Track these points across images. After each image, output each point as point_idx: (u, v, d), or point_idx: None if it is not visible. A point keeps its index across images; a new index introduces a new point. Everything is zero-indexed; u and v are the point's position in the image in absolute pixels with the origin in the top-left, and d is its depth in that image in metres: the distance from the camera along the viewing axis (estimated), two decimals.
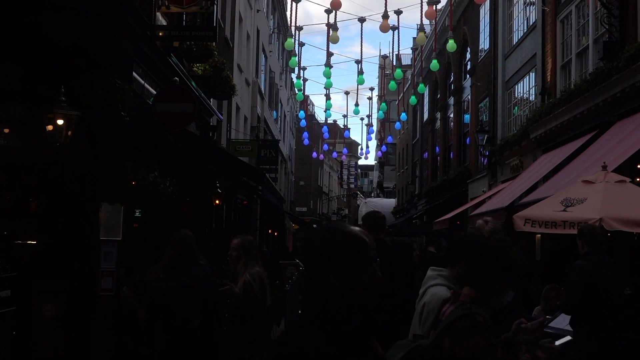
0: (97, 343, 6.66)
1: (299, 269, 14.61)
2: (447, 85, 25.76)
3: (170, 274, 5.00)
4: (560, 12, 13.03)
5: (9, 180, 7.31)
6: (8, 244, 7.12)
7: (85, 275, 6.78)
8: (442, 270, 3.05)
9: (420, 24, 14.87)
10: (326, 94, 22.16)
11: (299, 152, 43.97)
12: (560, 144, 12.13)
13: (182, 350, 4.91)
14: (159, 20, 8.85)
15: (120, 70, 7.10)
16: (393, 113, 43.13)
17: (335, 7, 13.83)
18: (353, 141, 64.08)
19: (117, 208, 6.91)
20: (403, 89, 33.08)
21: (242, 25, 18.26)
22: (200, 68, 11.05)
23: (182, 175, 9.20)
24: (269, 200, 21.44)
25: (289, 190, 37.01)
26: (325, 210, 58.34)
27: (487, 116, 18.96)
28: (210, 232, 12.62)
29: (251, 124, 20.92)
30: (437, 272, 3.05)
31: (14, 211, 7.39)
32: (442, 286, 2.94)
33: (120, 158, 7.10)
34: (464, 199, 20.11)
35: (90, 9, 6.76)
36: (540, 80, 14.10)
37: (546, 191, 9.62)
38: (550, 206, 7.15)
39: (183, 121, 8.08)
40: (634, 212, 6.31)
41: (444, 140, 25.89)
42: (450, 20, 20.47)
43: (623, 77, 9.26)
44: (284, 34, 27.84)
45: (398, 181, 43.18)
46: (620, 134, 9.16)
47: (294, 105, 39.12)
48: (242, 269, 5.12)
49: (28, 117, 6.95)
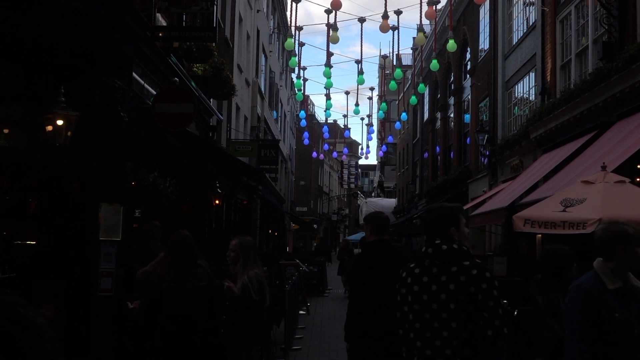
0: (97, 343, 6.67)
1: (299, 269, 14.63)
2: (447, 85, 25.76)
3: (177, 276, 5.00)
4: (560, 13, 13.03)
5: (8, 181, 7.32)
6: (8, 244, 7.13)
7: (85, 275, 6.78)
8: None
9: (420, 24, 14.88)
10: (326, 94, 22.16)
11: (299, 152, 43.98)
12: (560, 144, 12.13)
13: (184, 350, 4.91)
14: (158, 21, 8.86)
15: (120, 71, 7.10)
16: (393, 113, 43.14)
17: (335, 7, 13.84)
18: (353, 141, 64.10)
19: (116, 208, 6.91)
20: (403, 89, 33.08)
21: (242, 25, 18.26)
22: (200, 68, 11.05)
23: (182, 175, 9.20)
24: (269, 200, 21.46)
25: (289, 190, 37.01)
26: (326, 210, 58.36)
27: (487, 116, 18.96)
28: (210, 232, 12.63)
29: (251, 124, 20.93)
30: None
31: (13, 211, 7.39)
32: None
33: (120, 158, 7.11)
34: (464, 199, 20.11)
35: (90, 9, 6.76)
36: (540, 80, 14.10)
37: (546, 191, 9.62)
38: (550, 207, 7.15)
39: (183, 121, 8.09)
40: (634, 212, 6.31)
41: (444, 140, 25.89)
42: (450, 20, 20.48)
43: (622, 77, 9.26)
44: (284, 34, 27.83)
45: (398, 181, 43.19)
46: (620, 134, 9.16)
47: (294, 105, 39.13)
48: (241, 270, 5.10)
49: (28, 117, 6.95)
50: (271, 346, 8.65)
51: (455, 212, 3.47)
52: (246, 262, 5.09)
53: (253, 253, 5.24)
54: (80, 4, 6.72)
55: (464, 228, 3.47)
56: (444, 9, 23.21)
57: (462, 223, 3.44)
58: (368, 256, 4.97)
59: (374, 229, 4.97)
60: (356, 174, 64.41)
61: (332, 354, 9.54)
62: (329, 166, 60.59)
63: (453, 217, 3.42)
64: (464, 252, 3.30)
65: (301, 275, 14.29)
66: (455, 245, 3.31)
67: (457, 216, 3.43)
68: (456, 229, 3.39)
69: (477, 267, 3.22)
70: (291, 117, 38.66)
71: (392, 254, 4.88)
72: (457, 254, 3.28)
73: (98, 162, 6.88)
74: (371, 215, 5.24)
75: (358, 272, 4.95)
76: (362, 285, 4.82)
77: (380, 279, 4.70)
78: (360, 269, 4.96)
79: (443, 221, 3.41)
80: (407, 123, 34.47)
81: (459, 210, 3.53)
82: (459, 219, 3.43)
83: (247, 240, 5.40)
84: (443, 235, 3.36)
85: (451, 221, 3.40)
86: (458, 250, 3.29)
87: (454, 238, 3.36)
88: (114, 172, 6.95)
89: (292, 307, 10.30)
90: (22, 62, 6.32)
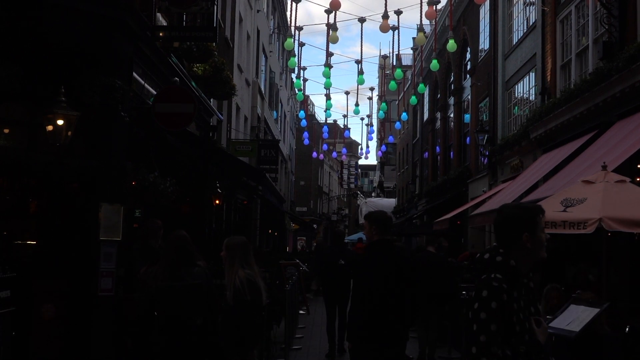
0: (97, 343, 6.66)
1: (299, 269, 14.62)
2: (447, 85, 25.76)
3: (173, 274, 5.00)
4: (560, 12, 13.03)
5: (9, 181, 7.31)
6: (8, 244, 7.12)
7: (85, 275, 6.78)
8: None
9: (420, 24, 14.87)
10: (326, 94, 22.15)
11: (299, 152, 43.98)
12: (560, 144, 12.13)
13: (182, 350, 4.91)
14: (159, 21, 8.86)
15: (120, 71, 7.10)
16: (393, 113, 43.13)
17: (334, 7, 13.83)
18: (353, 141, 64.13)
19: (117, 208, 6.91)
20: (403, 89, 33.08)
21: (242, 25, 18.26)
22: (200, 68, 11.05)
23: (182, 175, 9.20)
24: (269, 200, 21.45)
25: (289, 190, 37.01)
26: (326, 210, 58.34)
27: (487, 116, 18.96)
28: (210, 232, 12.62)
29: (251, 124, 20.93)
30: None
31: (14, 211, 7.39)
32: None
33: (120, 158, 7.10)
34: (464, 198, 20.11)
35: (90, 9, 6.76)
36: (540, 80, 14.10)
37: (546, 191, 9.61)
38: (550, 206, 7.13)
39: (183, 121, 8.08)
40: (634, 212, 6.30)
41: (444, 140, 25.89)
42: (450, 20, 20.48)
43: (622, 77, 9.26)
44: (284, 34, 27.83)
45: (398, 181, 43.19)
46: (620, 134, 9.16)
47: (294, 105, 39.13)
48: (227, 270, 4.99)
49: (28, 117, 6.95)
50: (271, 346, 8.64)
51: (531, 213, 2.83)
52: (233, 262, 4.97)
53: (242, 253, 5.06)
54: (80, 4, 6.71)
55: (542, 234, 2.81)
56: (444, 9, 23.21)
57: (539, 228, 2.81)
58: (370, 256, 4.95)
59: (378, 229, 4.94)
60: (356, 174, 64.39)
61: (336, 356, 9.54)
62: (329, 166, 60.58)
63: (528, 220, 2.80)
64: (496, 264, 2.76)
65: (301, 275, 14.27)
66: (499, 258, 2.77)
67: (534, 219, 2.81)
68: (530, 235, 2.77)
69: (486, 288, 2.71)
70: (291, 117, 38.66)
71: (395, 254, 4.87)
72: (489, 264, 2.80)
73: (98, 162, 6.88)
74: (375, 214, 5.15)
75: (360, 272, 4.93)
76: (364, 285, 4.81)
77: (383, 279, 4.69)
78: (362, 268, 4.94)
79: (514, 224, 2.80)
80: (407, 123, 34.47)
81: (538, 211, 2.86)
82: (537, 222, 2.80)
83: (234, 240, 5.20)
84: (513, 241, 2.78)
85: (525, 225, 2.79)
86: (490, 261, 2.80)
87: (527, 246, 2.76)
88: (114, 172, 6.95)
89: (292, 307, 10.29)
90: (22, 62, 6.32)
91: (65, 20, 6.71)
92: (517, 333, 2.66)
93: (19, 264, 6.66)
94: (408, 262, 5.05)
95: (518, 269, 2.75)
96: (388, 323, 4.63)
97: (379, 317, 4.63)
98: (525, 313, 2.72)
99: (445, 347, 9.46)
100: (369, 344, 4.65)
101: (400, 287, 4.70)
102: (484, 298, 2.67)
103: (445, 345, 9.48)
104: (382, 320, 4.63)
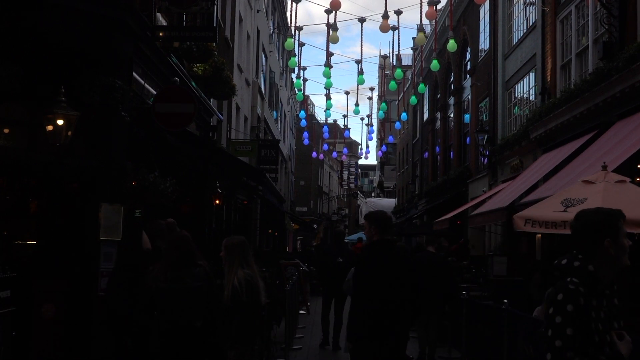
0: (97, 343, 6.66)
1: (299, 269, 14.62)
2: (447, 85, 25.76)
3: (174, 275, 4.98)
4: (560, 12, 13.03)
5: (9, 181, 7.31)
6: (8, 244, 7.12)
7: (85, 275, 6.78)
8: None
9: (420, 24, 14.88)
10: (326, 94, 22.15)
11: (299, 152, 43.99)
12: (560, 144, 12.13)
13: (182, 350, 4.90)
14: (159, 21, 8.86)
15: (120, 71, 7.11)
16: (393, 113, 43.14)
17: (334, 7, 13.84)
18: (353, 141, 64.09)
19: (117, 208, 6.91)
20: (403, 89, 33.08)
21: (242, 25, 18.26)
22: (200, 68, 11.05)
23: (182, 175, 9.20)
24: (269, 200, 21.45)
25: (289, 190, 37.01)
26: (326, 210, 58.34)
27: (487, 116, 18.96)
28: (210, 232, 12.62)
29: (251, 124, 20.93)
30: None
31: (14, 211, 7.39)
32: None
33: (120, 158, 7.10)
34: (464, 198, 20.11)
35: (90, 9, 6.76)
36: (540, 80, 14.10)
37: (546, 191, 9.62)
38: (551, 206, 7.14)
39: (183, 121, 8.08)
40: (634, 212, 6.30)
41: (444, 140, 25.89)
42: (450, 20, 20.47)
43: (623, 77, 9.26)
44: (284, 34, 27.84)
45: (398, 181, 43.19)
46: (620, 134, 9.16)
47: (294, 105, 39.14)
48: (226, 270, 5.00)
49: (28, 117, 6.96)
50: (271, 346, 8.64)
51: (613, 218, 2.70)
52: (232, 262, 4.98)
53: (241, 253, 5.06)
54: (80, 4, 6.72)
55: (624, 240, 2.69)
56: (444, 9, 23.21)
57: (621, 233, 2.68)
58: (371, 255, 4.94)
59: (377, 229, 4.93)
60: (356, 174, 64.40)
61: (332, 354, 9.54)
62: (329, 166, 60.58)
63: (610, 226, 2.67)
64: (573, 269, 2.65)
65: (301, 275, 14.28)
66: (576, 263, 2.65)
67: (617, 224, 2.68)
68: (613, 241, 2.64)
69: (562, 291, 2.59)
70: (291, 117, 38.66)
71: (395, 254, 4.87)
72: (566, 270, 2.68)
73: (98, 162, 6.88)
74: (374, 214, 5.15)
75: (361, 272, 4.93)
76: (365, 284, 4.80)
77: (384, 279, 4.69)
78: (363, 268, 4.93)
79: (595, 230, 2.67)
80: (407, 123, 34.47)
81: (619, 216, 2.74)
82: (619, 228, 2.68)
83: (232, 240, 5.20)
84: (593, 248, 2.65)
85: (607, 230, 2.66)
86: (567, 267, 2.68)
87: (610, 252, 2.64)
88: (114, 172, 6.95)
89: (292, 307, 10.29)
90: (22, 62, 6.32)
91: (65, 20, 6.72)
92: (595, 343, 2.50)
93: (19, 264, 6.67)
94: (408, 262, 5.05)
95: (597, 276, 2.63)
96: (388, 323, 4.63)
97: (379, 317, 4.63)
98: (605, 325, 2.57)
99: (445, 347, 9.46)
100: (369, 344, 4.64)
101: (400, 287, 4.70)
102: (559, 302, 2.55)
103: (445, 345, 9.49)
104: (382, 320, 4.63)
